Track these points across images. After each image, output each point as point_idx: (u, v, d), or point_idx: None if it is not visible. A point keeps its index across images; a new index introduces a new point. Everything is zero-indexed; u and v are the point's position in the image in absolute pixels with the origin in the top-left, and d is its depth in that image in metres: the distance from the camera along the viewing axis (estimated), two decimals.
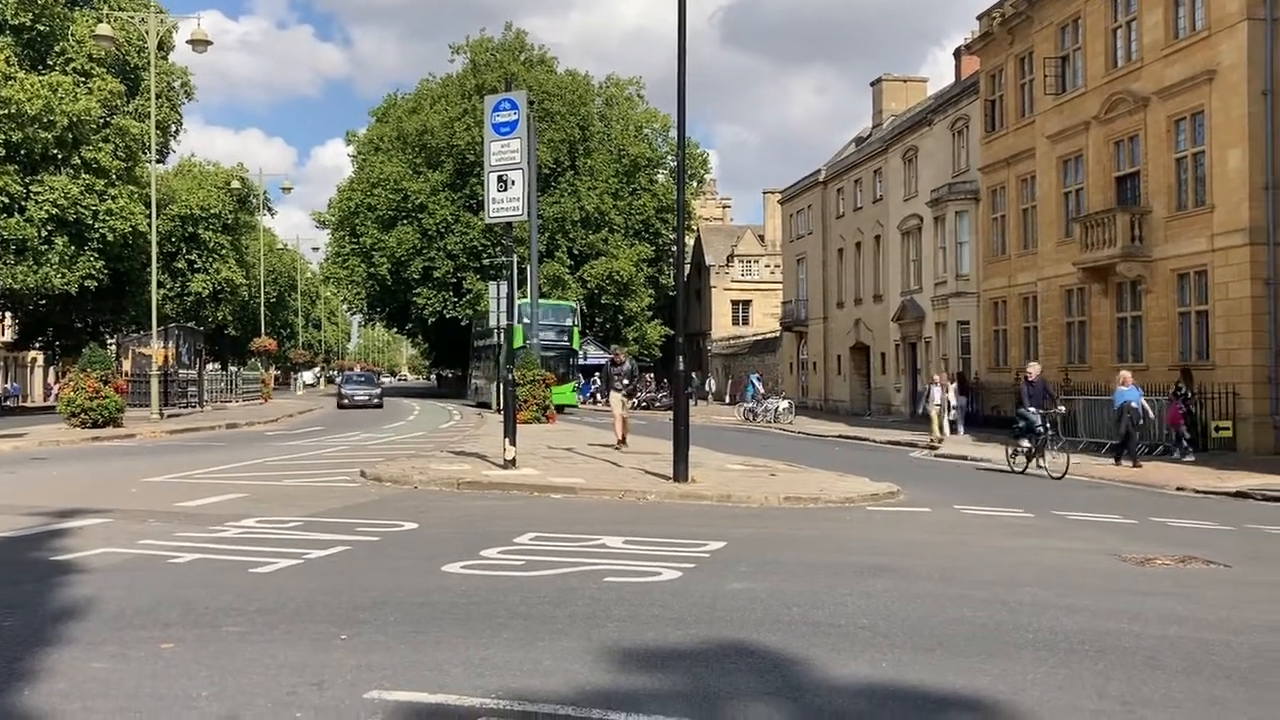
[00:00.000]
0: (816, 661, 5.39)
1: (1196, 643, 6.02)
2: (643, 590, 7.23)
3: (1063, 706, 4.70)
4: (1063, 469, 17.87)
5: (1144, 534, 11.29)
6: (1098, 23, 28.63)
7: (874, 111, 50.49)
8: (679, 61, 14.07)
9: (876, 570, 8.28)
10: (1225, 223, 23.91)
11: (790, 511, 12.57)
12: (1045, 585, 7.91)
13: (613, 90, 65.59)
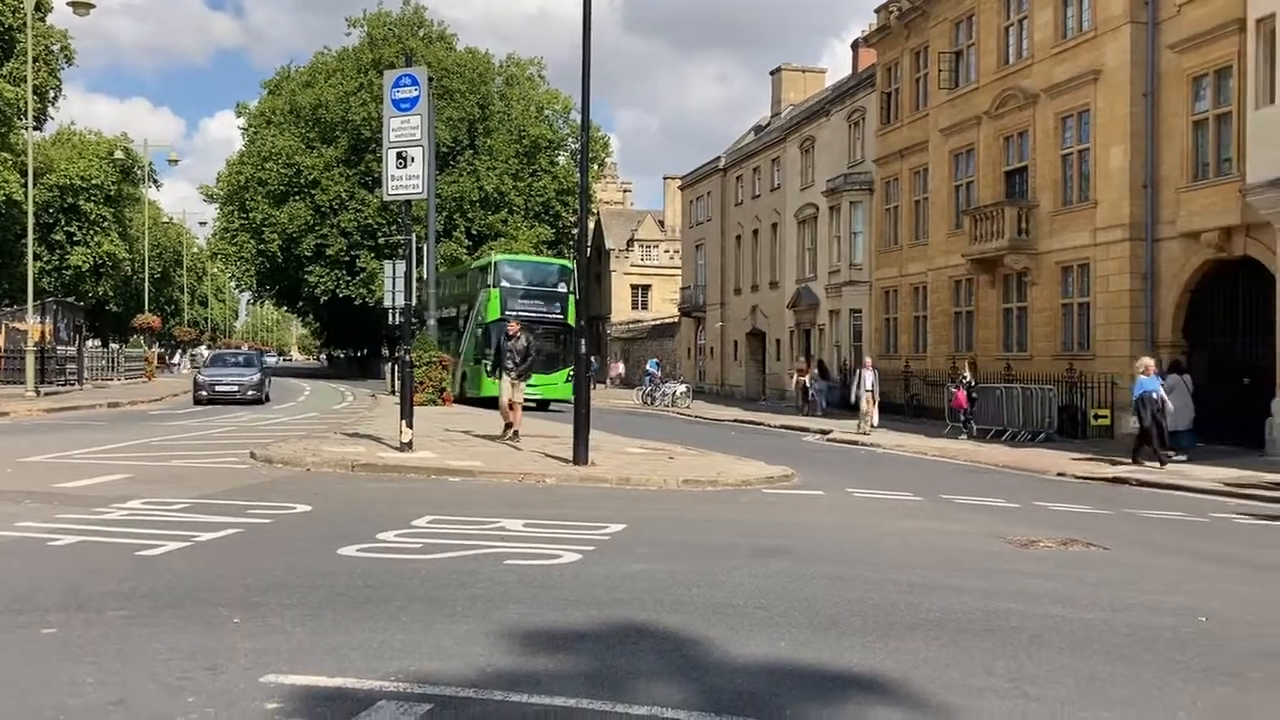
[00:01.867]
0: (716, 641, 5.45)
1: (1078, 622, 6.26)
2: (543, 572, 7.22)
3: (952, 684, 4.84)
4: None
5: (1028, 517, 11.69)
6: (991, 20, 29.38)
7: (773, 100, 51.03)
8: (584, 42, 14.01)
9: (773, 552, 8.41)
10: (1107, 218, 24.83)
11: (689, 494, 12.68)
12: (935, 566, 8.14)
13: (514, 70, 64.94)
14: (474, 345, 32.53)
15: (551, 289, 33.90)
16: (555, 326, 32.69)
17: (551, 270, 35.84)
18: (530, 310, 31.26)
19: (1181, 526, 11.65)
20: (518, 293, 32.19)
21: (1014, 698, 4.67)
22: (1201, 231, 22.39)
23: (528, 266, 35.38)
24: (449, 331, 36.31)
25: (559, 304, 33.23)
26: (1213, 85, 22.57)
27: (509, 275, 32.94)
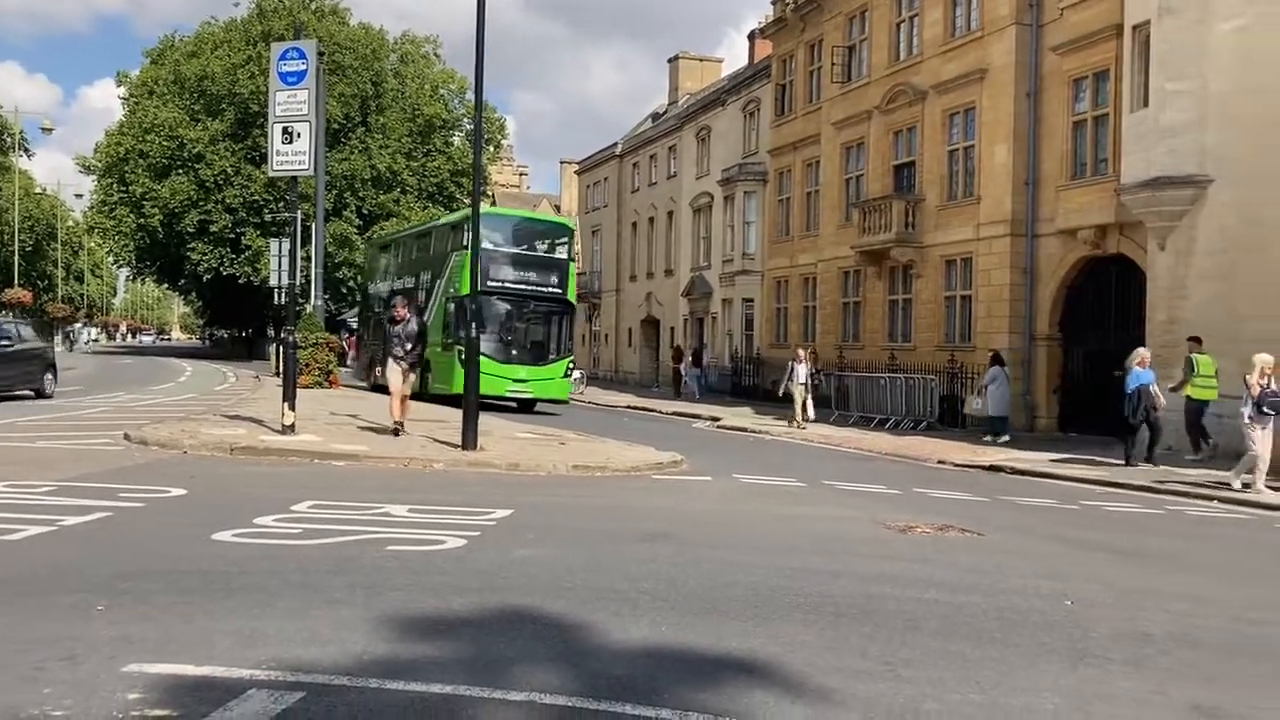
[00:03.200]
0: (598, 626, 5.45)
1: (952, 605, 6.42)
2: (426, 558, 7.12)
3: (829, 667, 4.92)
4: None
5: (908, 504, 11.97)
6: (883, 16, 29.94)
7: (670, 88, 51.20)
8: (478, 19, 13.83)
9: (658, 537, 8.45)
10: (990, 214, 25.56)
11: (578, 480, 12.66)
12: (817, 552, 8.28)
13: (408, 48, 63.77)
14: (442, 324, 25.36)
15: (547, 255, 26.70)
16: (551, 305, 25.95)
17: (547, 230, 28.39)
18: (519, 282, 25.32)
19: (1053, 513, 12.07)
20: (503, 258, 25.25)
21: (888, 680, 4.77)
22: (1079, 229, 23.21)
23: (517, 224, 27.59)
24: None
25: (556, 275, 26.14)
26: (1091, 87, 23.39)
27: (492, 235, 25.10)
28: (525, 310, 25.61)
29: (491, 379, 22.65)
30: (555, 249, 27.09)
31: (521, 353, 25.30)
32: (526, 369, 24.95)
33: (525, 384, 24.99)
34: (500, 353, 24.66)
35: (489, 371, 22.10)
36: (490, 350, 23.33)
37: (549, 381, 25.60)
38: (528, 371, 25.02)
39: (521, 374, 24.83)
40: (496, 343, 24.60)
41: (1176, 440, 18.72)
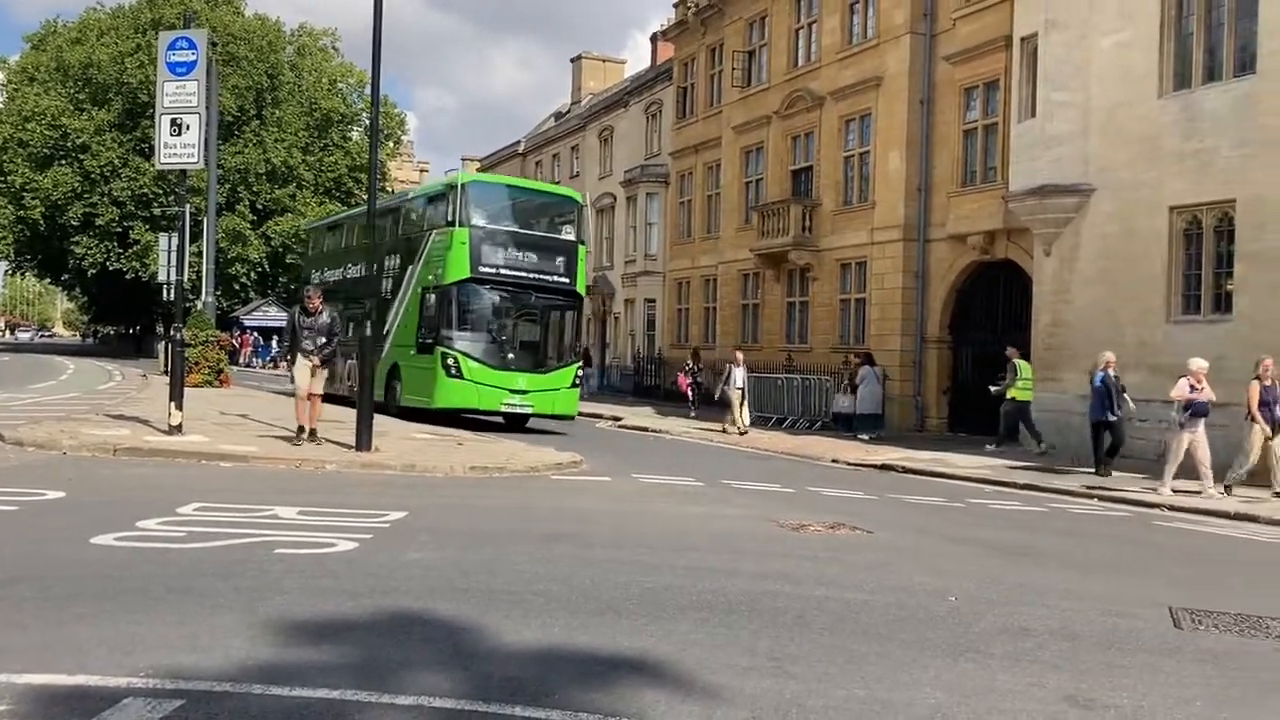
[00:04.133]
0: (490, 629, 5.41)
1: (840, 602, 6.55)
2: (316, 562, 6.98)
3: (719, 664, 4.97)
4: None
5: (802, 502, 12.16)
6: (782, 22, 30.37)
7: (573, 88, 51.17)
8: (375, 14, 13.63)
9: (555, 538, 8.43)
10: (884, 219, 26.12)
11: (476, 480, 12.56)
12: (712, 550, 8.36)
13: (305, 40, 62.49)
14: (417, 321, 21.06)
15: (553, 235, 21.83)
16: (555, 297, 21.23)
17: (551, 203, 23.26)
18: (519, 268, 20.56)
19: (940, 511, 12.39)
20: (500, 237, 20.70)
21: (776, 676, 4.84)
22: (968, 234, 23.86)
23: (517, 195, 22.94)
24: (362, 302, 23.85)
25: (564, 260, 21.26)
26: (982, 97, 24.07)
27: (486, 207, 20.94)
28: (524, 303, 20.92)
29: (483, 390, 19.79)
30: (560, 227, 22.14)
31: (520, 356, 20.64)
32: (526, 377, 20.23)
33: (525, 396, 20.19)
34: (493, 356, 20.24)
35: (480, 380, 19.69)
36: (480, 354, 20.02)
37: (554, 393, 20.72)
38: (528, 380, 20.24)
39: (520, 383, 20.12)
40: (489, 344, 20.35)
41: (1021, 438, 20.45)
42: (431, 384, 19.99)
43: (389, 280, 22.76)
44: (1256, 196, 17.46)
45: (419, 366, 20.68)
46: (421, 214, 23.00)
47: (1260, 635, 6.21)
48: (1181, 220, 18.79)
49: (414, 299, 21.42)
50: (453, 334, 19.96)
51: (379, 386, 19.32)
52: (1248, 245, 17.62)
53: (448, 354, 19.77)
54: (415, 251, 21.80)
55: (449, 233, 20.29)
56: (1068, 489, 14.92)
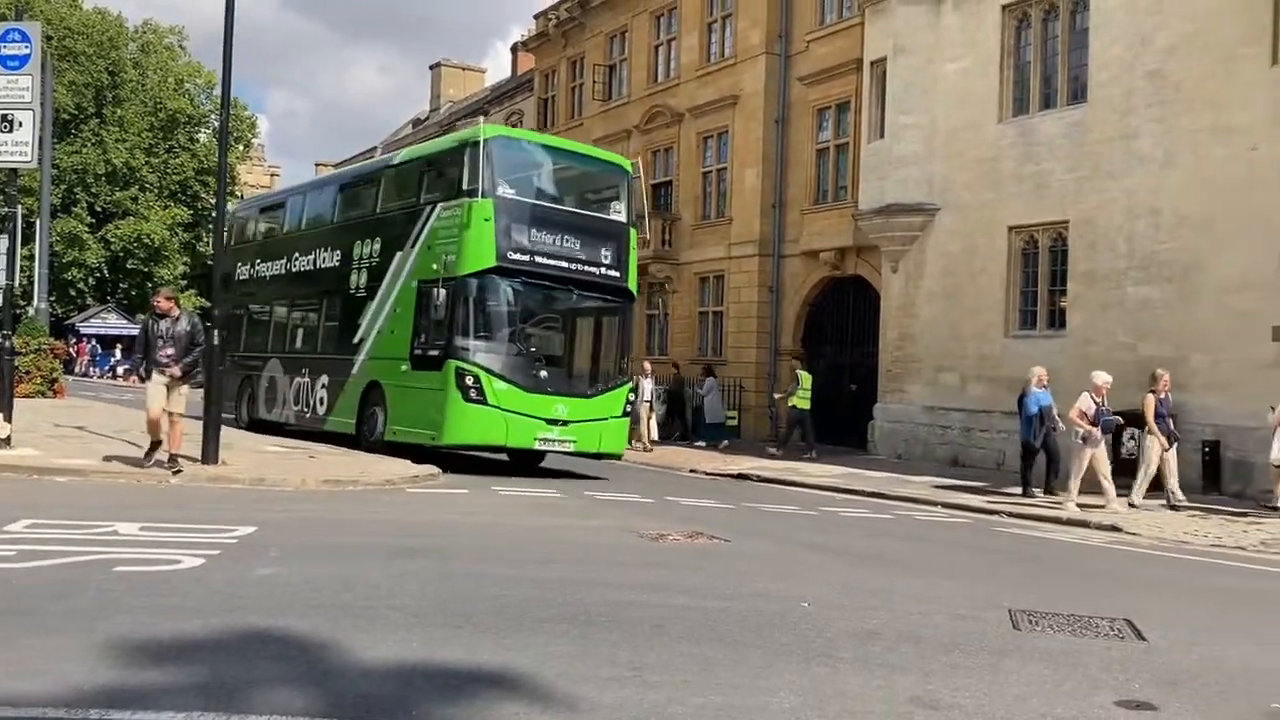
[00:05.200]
0: (345, 645, 5.29)
1: (699, 610, 6.63)
2: (159, 580, 6.70)
3: (579, 675, 4.98)
4: None
5: (661, 512, 12.28)
6: (642, 38, 30.71)
7: (432, 95, 50.63)
8: (227, 13, 13.23)
9: (412, 551, 8.30)
10: (740, 234, 26.66)
11: (329, 494, 12.26)
12: (574, 561, 8.37)
13: (150, 37, 60.05)
14: (411, 326, 16.10)
15: (601, 216, 16.81)
16: (606, 295, 16.42)
17: (600, 173, 17.64)
18: (559, 255, 15.65)
19: (795, 519, 12.69)
20: (535, 214, 15.78)
21: (634, 686, 4.87)
22: (820, 250, 24.56)
23: (558, 158, 17.33)
24: (327, 300, 19.10)
25: (613, 247, 16.34)
26: (834, 118, 24.83)
27: (517, 173, 16.03)
28: (564, 304, 16.15)
29: (512, 420, 14.88)
30: (608, 204, 17.03)
31: (559, 375, 16.00)
32: (567, 402, 15.40)
33: (566, 428, 15.36)
34: (524, 374, 15.28)
35: (509, 407, 14.83)
36: (509, 370, 15.12)
37: (600, 425, 15.74)
38: (569, 406, 15.40)
39: (559, 410, 15.25)
40: (519, 358, 15.44)
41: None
42: (439, 411, 14.95)
43: (359, 272, 17.86)
44: (1088, 218, 18.50)
45: (416, 387, 15.65)
46: (416, 182, 17.31)
47: (1090, 634, 6.56)
48: (1019, 240, 19.76)
49: (405, 296, 16.32)
50: (469, 343, 14.96)
51: (348, 413, 17.36)
52: (1080, 264, 18.64)
53: (465, 370, 14.72)
54: (406, 233, 16.62)
55: (465, 206, 15.19)
56: (913, 496, 15.46)
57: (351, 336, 17.64)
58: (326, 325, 19.09)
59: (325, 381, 18.32)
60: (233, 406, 20.72)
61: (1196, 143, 17.08)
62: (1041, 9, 19.79)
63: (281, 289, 20.88)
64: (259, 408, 20.55)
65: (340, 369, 17.79)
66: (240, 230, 24.25)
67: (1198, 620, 7.49)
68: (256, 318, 21.89)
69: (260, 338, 21.41)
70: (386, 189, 18.43)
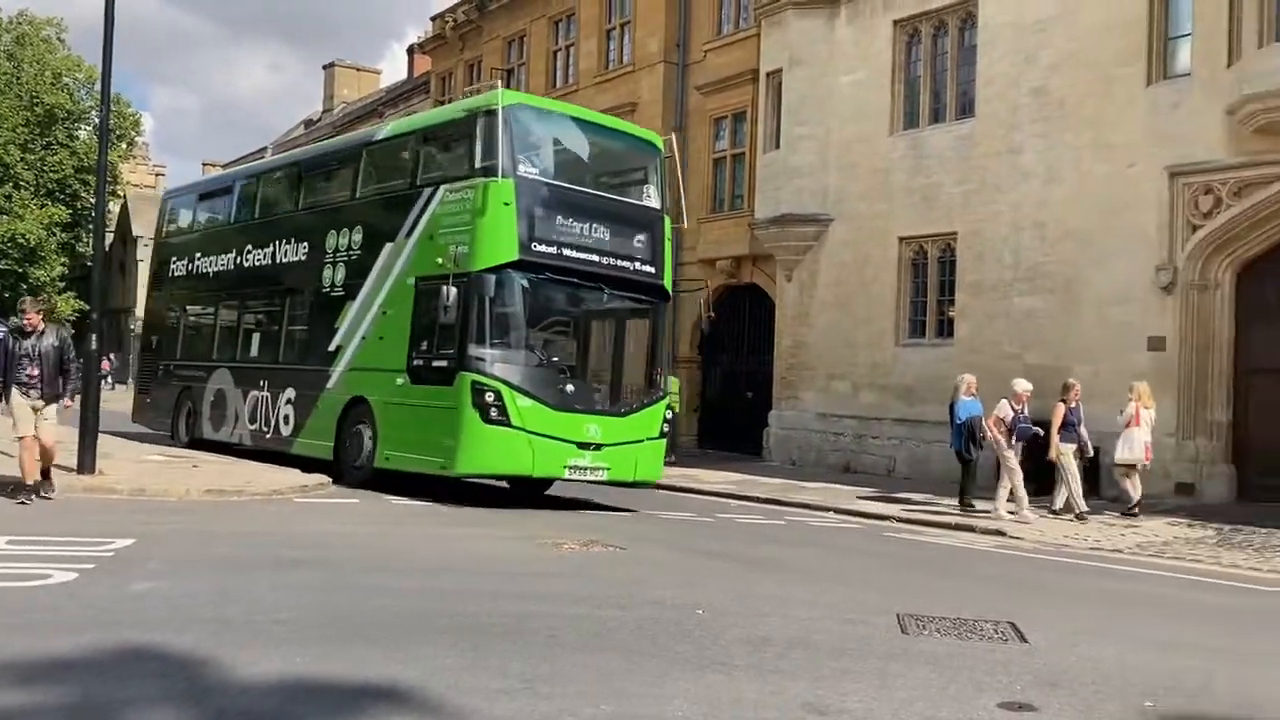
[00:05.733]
0: (227, 661, 5.11)
1: (593, 619, 6.59)
2: (27, 595, 6.40)
3: (470, 687, 4.89)
4: None
5: (558, 521, 12.19)
6: (541, 43, 30.61)
7: (325, 96, 49.71)
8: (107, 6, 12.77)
9: (300, 563, 8.08)
10: None
11: (214, 505, 11.89)
12: (468, 572, 8.26)
13: (26, 28, 57.60)
14: (408, 331, 13.72)
15: (633, 202, 14.50)
16: (640, 295, 14.15)
17: (629, 151, 15.16)
18: (590, 248, 13.47)
19: (691, 526, 12.73)
20: (563, 199, 13.56)
21: (526, 697, 4.81)
22: (717, 259, 24.76)
23: (588, 133, 14.59)
24: (292, 300, 16.72)
25: (646, 239, 14.12)
26: (730, 127, 25.09)
27: (542, 149, 14.02)
28: (593, 305, 13.97)
29: (539, 444, 12.61)
30: (640, 188, 14.61)
31: (589, 390, 13.87)
32: (599, 421, 13.14)
33: (599, 453, 13.03)
34: (550, 389, 12.99)
35: (535, 428, 12.57)
36: (534, 385, 12.83)
37: (636, 448, 13.42)
38: (602, 427, 13.12)
39: (591, 431, 12.98)
40: (544, 370, 13.23)
41: None
42: (450, 434, 12.58)
43: (335, 268, 15.41)
44: (975, 230, 19.02)
45: (417, 404, 13.25)
46: (411, 160, 14.89)
47: (974, 637, 6.71)
48: (909, 250, 20.22)
49: (398, 296, 13.96)
50: (486, 352, 12.60)
51: (323, 434, 14.76)
52: (968, 275, 19.16)
53: (483, 385, 12.39)
54: (397, 221, 14.22)
55: (479, 188, 12.87)
56: (807, 503, 15.67)
57: (326, 343, 15.16)
58: (292, 330, 16.70)
59: (291, 396, 15.75)
60: (168, 423, 19.14)
61: (1078, 158, 17.71)
62: (931, 25, 20.31)
63: (230, 287, 18.29)
64: (202, 425, 18.11)
65: (311, 382, 15.31)
66: (173, 220, 21.32)
67: (1077, 622, 7.72)
68: (198, 321, 19.48)
69: (204, 344, 18.88)
70: (368, 169, 15.87)
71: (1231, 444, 16.69)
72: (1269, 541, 13.13)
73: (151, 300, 20.80)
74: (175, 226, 21.17)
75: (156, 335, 20.57)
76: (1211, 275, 16.65)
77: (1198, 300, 16.63)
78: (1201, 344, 16.61)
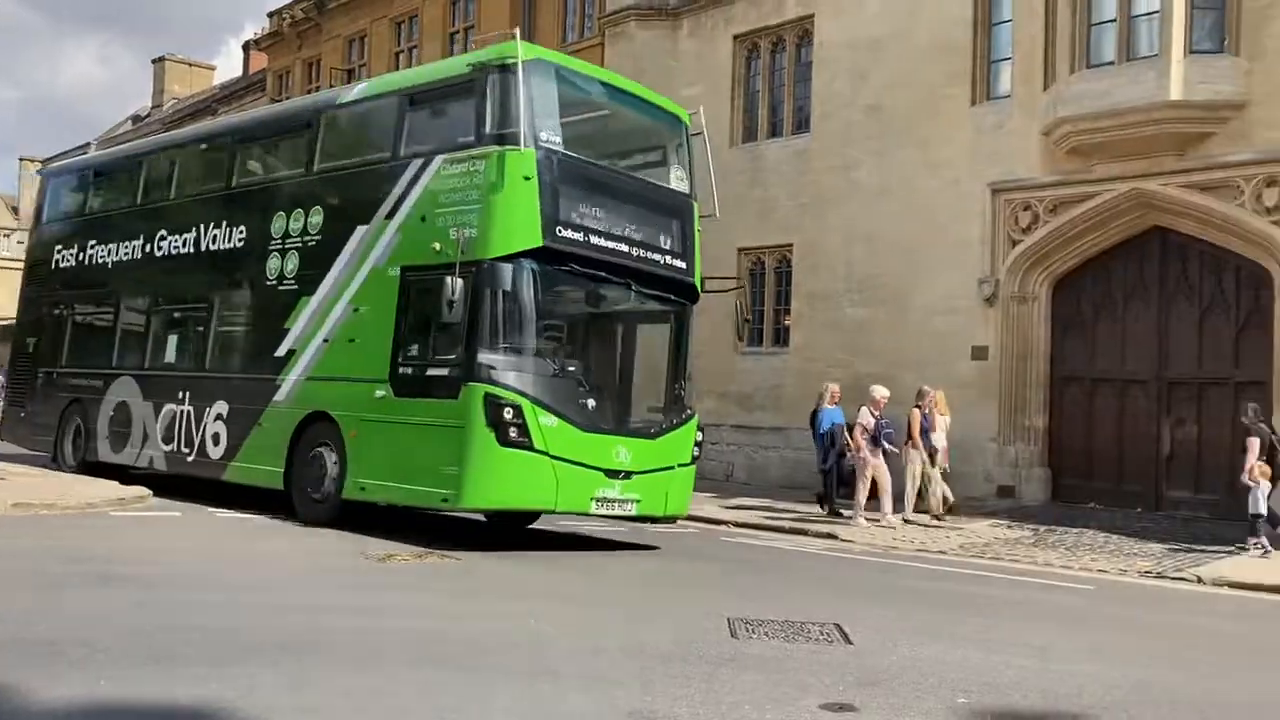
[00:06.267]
0: (24, 687, 4.78)
1: (422, 632, 6.46)
2: None
3: (287, 707, 4.71)
4: None
5: (393, 531, 11.89)
6: (383, 44, 30.05)
7: (155, 91, 47.61)
8: None
9: (110, 579, 7.66)
10: None
11: (19, 519, 11.15)
12: (292, 586, 7.99)
13: None
14: (392, 331, 11.29)
15: (662, 185, 12.47)
16: (669, 294, 12.23)
17: (655, 126, 12.91)
18: (615, 236, 11.35)
19: (532, 534, 12.63)
20: (590, 176, 11.54)
21: (348, 713, 4.67)
22: None
23: (609, 99, 12.40)
24: (223, 295, 14.20)
25: (677, 228, 12.27)
26: None
27: (560, 114, 11.32)
28: (619, 305, 12.08)
29: (565, 472, 10.40)
30: (663, 170, 12.61)
31: (614, 405, 11.82)
32: (629, 444, 11.04)
33: (629, 482, 10.91)
34: (575, 405, 10.85)
35: (563, 453, 10.36)
36: (557, 399, 10.65)
37: (667, 476, 11.44)
38: (632, 451, 11.00)
39: (621, 455, 10.86)
40: (568, 382, 11.14)
41: None
42: (454, 458, 10.27)
43: (284, 256, 12.85)
44: (810, 242, 19.56)
45: (406, 422, 10.83)
46: (395, 125, 12.17)
47: (802, 639, 6.86)
48: (748, 260, 20.63)
49: (376, 290, 11.56)
50: (499, 358, 10.40)
51: (269, 457, 12.22)
52: (803, 286, 19.68)
53: (499, 398, 10.16)
54: (373, 199, 11.82)
55: (493, 159, 10.64)
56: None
57: (272, 347, 12.64)
58: (224, 332, 14.13)
59: (223, 411, 13.16)
60: (50, 441, 16.16)
61: (909, 174, 18.41)
62: (770, 41, 20.81)
63: (138, 281, 15.42)
64: (97, 445, 15.21)
65: (251, 393, 12.77)
66: (56, 201, 18.12)
67: (901, 622, 7.97)
68: (91, 320, 16.54)
69: (100, 348, 15.87)
70: (330, 139, 13.24)
71: (1048, 448, 17.59)
72: (1079, 540, 13.91)
73: (28, 296, 17.62)
74: (60, 210, 17.96)
75: (34, 337, 17.45)
76: (1030, 288, 17.54)
77: (1017, 311, 17.50)
78: (1021, 353, 17.48)
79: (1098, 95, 16.08)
